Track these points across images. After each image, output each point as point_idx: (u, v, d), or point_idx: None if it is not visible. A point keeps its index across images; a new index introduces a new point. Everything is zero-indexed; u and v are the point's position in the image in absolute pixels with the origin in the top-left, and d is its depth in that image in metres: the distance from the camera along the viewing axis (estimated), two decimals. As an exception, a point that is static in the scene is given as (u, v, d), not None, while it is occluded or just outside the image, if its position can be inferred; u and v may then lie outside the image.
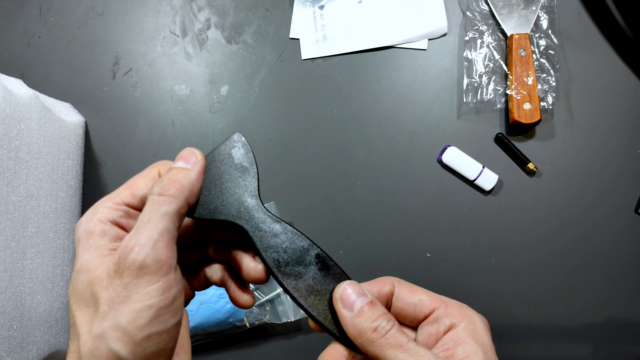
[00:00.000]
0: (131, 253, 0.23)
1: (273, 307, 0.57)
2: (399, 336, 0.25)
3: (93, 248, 0.25)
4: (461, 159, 0.57)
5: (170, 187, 0.25)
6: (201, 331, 0.54)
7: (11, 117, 0.45)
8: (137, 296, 0.23)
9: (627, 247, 0.57)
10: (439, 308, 0.28)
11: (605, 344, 0.56)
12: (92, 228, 0.26)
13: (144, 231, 0.24)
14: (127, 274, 0.23)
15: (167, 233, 0.24)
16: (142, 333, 0.22)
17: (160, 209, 0.24)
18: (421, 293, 0.29)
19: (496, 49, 0.59)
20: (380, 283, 0.29)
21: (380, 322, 0.26)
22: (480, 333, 0.27)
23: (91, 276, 0.24)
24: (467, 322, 0.27)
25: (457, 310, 0.28)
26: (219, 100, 0.62)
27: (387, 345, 0.25)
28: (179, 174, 0.26)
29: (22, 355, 0.46)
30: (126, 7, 0.63)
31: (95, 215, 0.26)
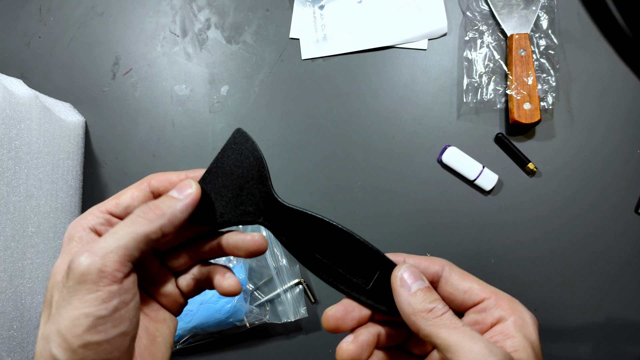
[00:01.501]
0: (80, 257, 0.23)
1: (273, 307, 0.57)
2: (455, 319, 0.26)
3: (66, 253, 0.26)
4: (461, 159, 0.57)
5: (150, 212, 0.25)
6: (201, 331, 0.54)
7: (11, 117, 0.45)
8: (76, 302, 0.23)
9: (627, 247, 0.57)
10: (489, 298, 0.28)
11: (605, 344, 0.56)
12: (74, 233, 0.27)
13: (102, 241, 0.24)
14: (72, 278, 0.23)
15: (124, 250, 0.24)
16: (79, 341, 0.22)
17: (131, 227, 0.25)
18: (472, 280, 0.29)
19: (496, 49, 0.59)
20: (430, 261, 0.29)
21: (436, 303, 0.26)
22: (529, 329, 0.27)
23: (54, 279, 0.25)
24: (516, 317, 0.27)
25: (508, 303, 0.28)
26: (219, 100, 0.62)
27: (443, 325, 0.25)
28: (165, 201, 0.26)
29: (22, 355, 0.46)
30: (126, 7, 0.63)
31: (80, 221, 0.27)
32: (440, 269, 0.29)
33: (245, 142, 0.29)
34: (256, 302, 0.57)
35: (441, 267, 0.29)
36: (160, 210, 0.26)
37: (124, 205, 0.28)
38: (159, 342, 0.29)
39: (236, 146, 0.29)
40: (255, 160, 0.29)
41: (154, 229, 0.25)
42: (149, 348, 0.28)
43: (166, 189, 0.29)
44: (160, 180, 0.29)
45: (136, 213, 0.25)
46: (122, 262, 0.24)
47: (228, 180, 0.29)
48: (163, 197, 0.27)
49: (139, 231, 0.25)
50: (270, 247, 0.57)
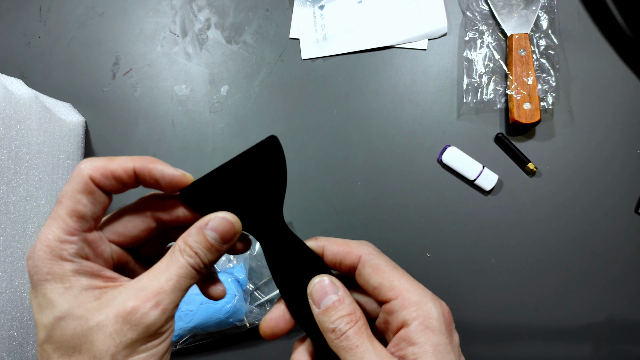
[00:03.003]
0: (153, 313, 0.23)
1: (273, 307, 0.57)
2: (353, 338, 0.25)
3: (76, 292, 0.23)
4: (461, 159, 0.57)
5: (203, 269, 0.25)
6: (201, 331, 0.54)
7: (11, 117, 0.45)
8: (142, 350, 0.23)
9: (627, 247, 0.57)
10: (396, 299, 0.26)
11: (605, 344, 0.56)
12: (57, 269, 0.23)
13: (169, 295, 0.24)
14: (139, 331, 0.23)
15: (182, 297, 0.25)
16: None
17: (191, 281, 0.25)
18: (383, 276, 0.27)
19: (496, 49, 0.59)
20: (348, 249, 0.28)
21: (338, 323, 0.26)
22: (435, 329, 0.25)
23: (87, 323, 0.23)
24: (421, 319, 0.25)
25: (415, 303, 0.26)
26: (219, 100, 0.62)
27: (341, 348, 0.25)
28: (215, 254, 0.26)
29: (22, 355, 0.46)
30: (126, 7, 0.63)
31: (52, 252, 0.23)
32: (357, 260, 0.28)
33: (276, 153, 0.28)
34: (256, 302, 0.57)
35: (357, 258, 0.28)
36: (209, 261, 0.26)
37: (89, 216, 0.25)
38: None
39: (265, 153, 0.27)
40: (279, 175, 0.28)
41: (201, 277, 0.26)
42: None
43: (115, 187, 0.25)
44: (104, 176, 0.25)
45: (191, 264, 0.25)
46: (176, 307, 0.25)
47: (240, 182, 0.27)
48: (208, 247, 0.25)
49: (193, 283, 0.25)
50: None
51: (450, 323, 0.27)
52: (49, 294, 0.23)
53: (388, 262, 0.28)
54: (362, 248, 0.28)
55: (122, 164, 0.25)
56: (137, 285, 0.24)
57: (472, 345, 0.56)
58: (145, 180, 0.26)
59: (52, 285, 0.23)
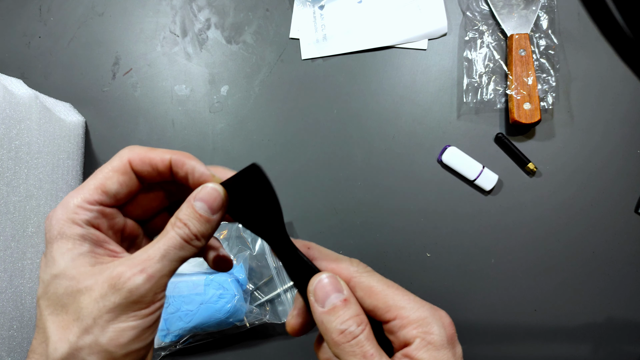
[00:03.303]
0: (136, 278, 0.23)
1: (273, 307, 0.57)
2: (366, 345, 0.24)
3: (75, 254, 0.25)
4: (461, 159, 0.57)
5: (194, 239, 0.25)
6: (201, 331, 0.54)
7: (11, 117, 0.45)
8: (124, 317, 0.23)
9: (627, 247, 0.57)
10: (394, 320, 0.25)
11: (605, 344, 0.56)
12: (67, 230, 0.25)
13: (156, 264, 0.24)
14: (124, 296, 0.23)
15: (173, 272, 0.25)
16: (122, 351, 0.23)
17: (179, 252, 0.25)
18: (376, 298, 0.25)
19: (496, 49, 0.59)
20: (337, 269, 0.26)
21: (349, 324, 0.24)
22: (437, 345, 0.24)
23: (77, 285, 0.24)
24: (422, 336, 0.24)
25: (414, 320, 0.25)
26: (219, 100, 0.62)
27: (351, 353, 0.24)
28: (204, 224, 0.26)
29: (22, 355, 0.46)
30: (126, 7, 0.63)
31: (68, 214, 0.25)
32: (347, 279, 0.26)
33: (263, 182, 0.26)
34: (256, 302, 0.57)
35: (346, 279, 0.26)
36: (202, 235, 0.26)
37: (113, 193, 0.26)
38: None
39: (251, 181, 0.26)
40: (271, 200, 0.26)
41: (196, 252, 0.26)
42: None
43: (150, 174, 0.27)
44: (143, 162, 0.27)
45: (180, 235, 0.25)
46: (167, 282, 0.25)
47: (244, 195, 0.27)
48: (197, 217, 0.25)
49: (187, 255, 0.25)
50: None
51: (452, 335, 0.25)
52: (53, 252, 0.25)
53: (380, 281, 0.26)
54: (352, 269, 0.27)
55: (160, 154, 0.27)
56: (129, 257, 0.25)
57: (472, 345, 0.56)
58: (178, 173, 0.27)
59: (59, 244, 0.25)
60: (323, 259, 0.27)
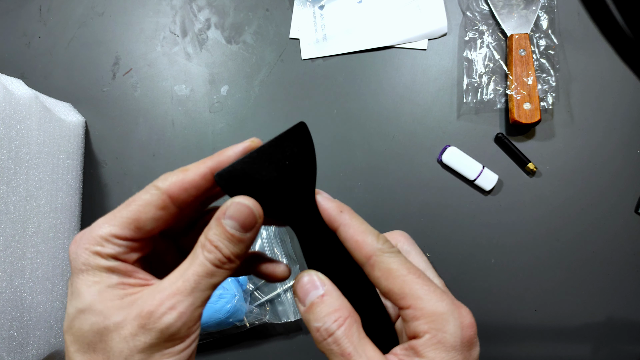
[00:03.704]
0: (167, 316, 0.22)
1: (273, 307, 0.57)
2: (344, 342, 0.22)
3: (102, 287, 0.23)
4: (461, 159, 0.57)
5: (226, 262, 0.23)
6: (201, 331, 0.54)
7: (11, 117, 0.45)
8: (158, 355, 0.22)
9: (627, 247, 0.57)
10: (408, 309, 0.23)
11: (605, 344, 0.56)
12: (93, 262, 0.23)
13: (187, 297, 0.22)
14: (155, 335, 0.22)
15: (208, 299, 0.23)
16: None
17: (211, 280, 0.23)
18: (393, 282, 0.24)
19: (496, 49, 0.59)
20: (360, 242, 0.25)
21: (324, 321, 0.23)
22: (447, 345, 0.22)
23: (105, 322, 0.22)
24: (433, 333, 0.22)
25: (428, 314, 0.23)
26: (219, 100, 0.62)
27: (330, 351, 0.22)
28: (237, 245, 0.23)
29: (22, 355, 0.46)
30: (126, 7, 0.63)
31: (94, 246, 0.23)
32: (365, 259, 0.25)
33: (305, 139, 0.26)
34: (256, 302, 0.57)
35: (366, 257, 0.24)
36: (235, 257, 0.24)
37: (147, 229, 0.24)
38: None
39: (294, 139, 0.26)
40: (309, 161, 0.26)
41: (230, 274, 0.24)
42: None
43: (195, 197, 0.25)
44: (184, 190, 0.24)
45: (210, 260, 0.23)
46: (202, 312, 0.24)
47: (271, 168, 0.26)
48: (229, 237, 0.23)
49: (218, 282, 0.24)
50: (270, 247, 0.57)
51: (470, 338, 0.23)
52: (79, 284, 0.23)
53: (402, 264, 0.24)
54: (376, 245, 0.24)
55: (196, 170, 0.24)
56: (159, 286, 0.23)
57: (472, 345, 0.56)
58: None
59: (84, 276, 0.23)
60: (349, 228, 0.25)
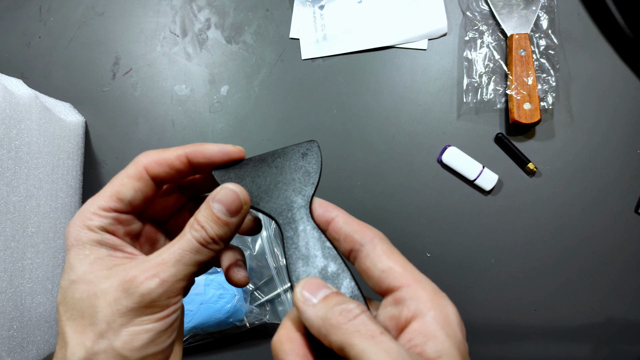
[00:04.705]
0: (149, 282, 0.23)
1: (273, 307, 0.57)
2: (371, 324, 0.20)
3: (92, 259, 0.25)
4: (461, 159, 0.57)
5: (211, 243, 0.25)
6: (201, 331, 0.54)
7: (11, 117, 0.45)
8: (138, 320, 0.23)
9: (627, 247, 0.57)
10: (408, 287, 0.23)
11: (605, 344, 0.56)
12: (84, 237, 0.25)
13: (170, 268, 0.24)
14: (136, 300, 0.23)
15: (189, 276, 0.24)
16: (137, 355, 0.23)
17: (195, 257, 0.24)
18: (396, 262, 0.24)
19: (496, 49, 0.59)
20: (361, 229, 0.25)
21: (347, 304, 0.21)
22: (454, 327, 0.22)
23: (93, 289, 0.24)
24: (438, 312, 0.22)
25: (429, 295, 0.22)
26: (219, 100, 0.62)
27: (357, 333, 0.20)
28: (222, 227, 0.25)
29: (22, 355, 0.46)
30: (126, 7, 0.63)
31: (84, 221, 0.26)
32: (366, 241, 0.25)
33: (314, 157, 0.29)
34: (256, 302, 0.57)
35: (369, 239, 0.25)
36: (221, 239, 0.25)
37: (128, 200, 0.26)
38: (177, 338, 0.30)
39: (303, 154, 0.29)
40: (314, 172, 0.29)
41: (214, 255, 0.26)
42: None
43: (168, 174, 0.27)
44: (158, 164, 0.27)
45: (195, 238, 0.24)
46: (187, 285, 0.25)
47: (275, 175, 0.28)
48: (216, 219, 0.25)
49: (203, 259, 0.25)
50: (270, 247, 0.57)
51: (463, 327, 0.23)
52: (71, 258, 0.25)
53: (400, 253, 0.25)
54: (375, 231, 0.25)
55: (174, 152, 0.27)
56: (146, 258, 0.25)
57: (472, 345, 0.56)
58: (200, 162, 0.27)
59: (75, 250, 0.25)
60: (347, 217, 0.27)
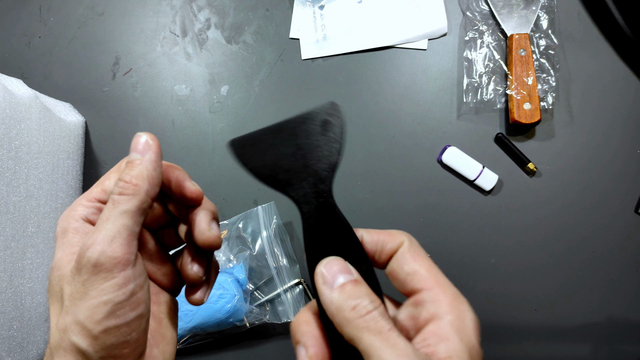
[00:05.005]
0: (87, 251, 0.24)
1: (273, 307, 0.57)
2: (381, 321, 0.22)
3: (66, 246, 0.26)
4: (461, 159, 0.57)
5: (128, 186, 0.25)
6: (201, 331, 0.54)
7: (11, 117, 0.45)
8: (93, 292, 0.24)
9: (627, 247, 0.57)
10: (429, 290, 0.24)
11: (605, 344, 0.56)
12: (67, 226, 0.27)
13: (101, 229, 0.24)
14: (85, 271, 0.24)
15: (125, 230, 0.24)
16: (99, 327, 0.23)
17: (119, 207, 0.25)
18: (422, 265, 0.25)
19: (496, 49, 0.59)
20: (389, 236, 0.26)
21: (361, 300, 0.22)
22: (469, 332, 0.22)
23: (61, 273, 0.26)
24: (455, 316, 0.22)
25: (450, 299, 0.23)
26: (219, 100, 0.62)
27: (365, 329, 0.21)
28: (134, 169, 0.26)
29: (22, 355, 0.46)
30: (126, 7, 0.63)
31: (70, 213, 0.27)
32: (398, 245, 0.26)
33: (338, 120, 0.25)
34: (256, 302, 0.57)
35: (399, 243, 0.26)
36: (136, 179, 0.25)
37: (109, 191, 0.28)
38: (165, 323, 0.30)
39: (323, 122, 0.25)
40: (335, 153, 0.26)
41: (142, 199, 0.25)
42: (159, 330, 0.29)
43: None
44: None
45: (115, 193, 0.25)
46: (129, 243, 0.25)
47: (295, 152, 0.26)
48: (129, 165, 0.26)
49: (129, 208, 0.25)
50: (270, 247, 0.57)
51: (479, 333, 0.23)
52: (56, 248, 0.27)
53: (427, 256, 0.26)
54: (403, 234, 0.26)
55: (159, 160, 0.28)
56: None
57: (472, 345, 0.56)
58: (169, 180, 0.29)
59: (59, 239, 0.27)
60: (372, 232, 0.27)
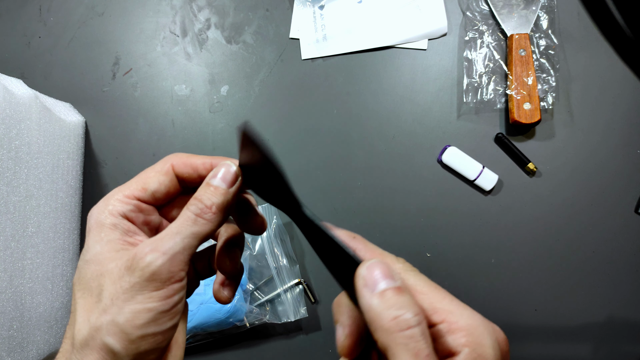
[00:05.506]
0: (149, 256, 0.24)
1: (273, 307, 0.57)
2: (421, 341, 0.20)
3: (105, 241, 0.26)
4: (461, 159, 0.57)
5: (208, 212, 0.26)
6: (201, 331, 0.54)
7: (11, 117, 0.45)
8: (140, 297, 0.24)
9: (627, 247, 0.57)
10: (442, 323, 0.22)
11: (605, 344, 0.56)
12: (103, 220, 0.27)
13: (169, 241, 0.24)
14: (138, 274, 0.24)
15: (189, 250, 0.25)
16: (138, 332, 0.23)
17: (193, 227, 0.25)
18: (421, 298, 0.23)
19: (496, 49, 0.59)
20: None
21: (404, 311, 0.20)
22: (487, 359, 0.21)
23: (102, 269, 0.25)
24: (473, 347, 0.21)
25: (463, 327, 0.22)
26: (219, 100, 0.62)
27: (403, 345, 0.20)
28: (218, 197, 0.26)
29: (22, 355, 0.46)
30: (126, 7, 0.63)
31: (106, 206, 0.27)
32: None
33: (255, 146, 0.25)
34: (256, 302, 0.57)
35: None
36: (217, 208, 0.26)
37: (152, 191, 0.28)
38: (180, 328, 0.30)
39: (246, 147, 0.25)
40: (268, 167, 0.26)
41: (213, 229, 0.26)
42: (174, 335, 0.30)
43: (190, 176, 0.29)
44: (185, 164, 0.29)
45: (192, 211, 0.26)
46: (187, 261, 0.25)
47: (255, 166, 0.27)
48: (212, 191, 0.26)
49: (201, 232, 0.25)
50: (270, 247, 0.57)
51: (506, 354, 0.22)
52: (89, 240, 0.27)
53: (427, 282, 0.24)
54: (397, 265, 0.25)
55: (202, 158, 0.29)
56: (148, 239, 0.26)
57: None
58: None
59: (94, 233, 0.27)
60: (368, 251, 0.26)
